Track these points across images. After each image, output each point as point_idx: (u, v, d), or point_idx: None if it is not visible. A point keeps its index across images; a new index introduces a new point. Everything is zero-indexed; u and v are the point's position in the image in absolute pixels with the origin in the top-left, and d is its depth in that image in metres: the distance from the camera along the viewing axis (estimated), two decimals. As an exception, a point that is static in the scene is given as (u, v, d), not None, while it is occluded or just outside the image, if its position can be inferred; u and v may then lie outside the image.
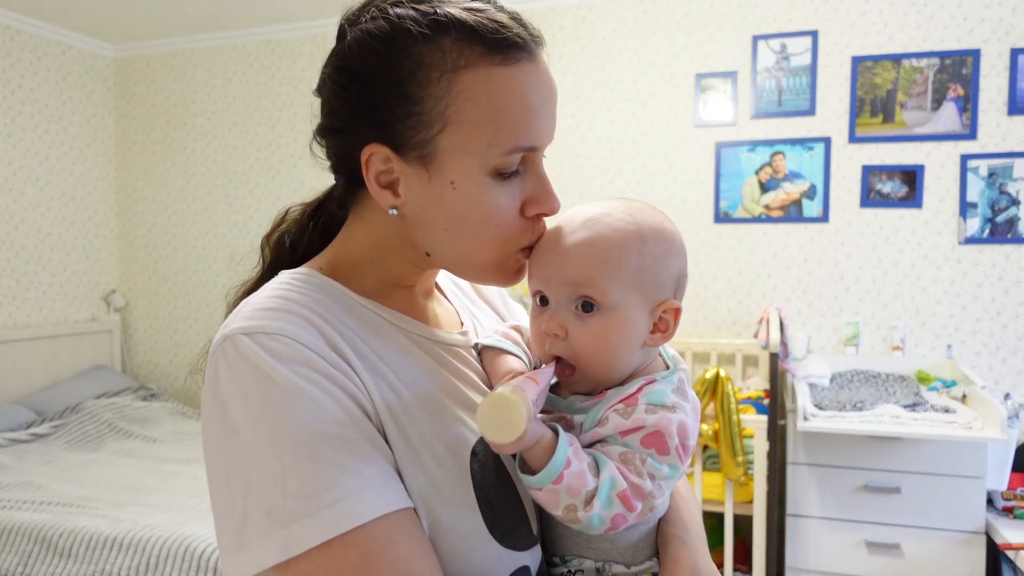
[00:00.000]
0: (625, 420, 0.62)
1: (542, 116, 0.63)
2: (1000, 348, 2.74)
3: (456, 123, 0.60)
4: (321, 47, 3.59)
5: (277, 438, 0.54)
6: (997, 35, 2.72)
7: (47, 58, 3.58)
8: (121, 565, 1.99)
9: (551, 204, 0.65)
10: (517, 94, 0.60)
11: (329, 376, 0.57)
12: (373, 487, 0.55)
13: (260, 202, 3.73)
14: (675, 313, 0.67)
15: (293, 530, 0.52)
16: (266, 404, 0.55)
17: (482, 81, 0.59)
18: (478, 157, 0.61)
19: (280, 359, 0.56)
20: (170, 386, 3.90)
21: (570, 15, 3.22)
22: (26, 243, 3.50)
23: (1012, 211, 2.72)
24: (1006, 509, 2.34)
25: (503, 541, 0.62)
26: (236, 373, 0.56)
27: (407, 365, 0.64)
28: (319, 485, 0.53)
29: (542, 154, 0.66)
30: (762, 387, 2.79)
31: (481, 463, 0.63)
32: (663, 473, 0.61)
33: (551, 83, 0.64)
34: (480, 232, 0.63)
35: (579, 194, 3.22)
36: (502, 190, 0.62)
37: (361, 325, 0.64)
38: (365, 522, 0.53)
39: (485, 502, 0.61)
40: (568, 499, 0.59)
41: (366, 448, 0.56)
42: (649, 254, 0.65)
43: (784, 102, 2.95)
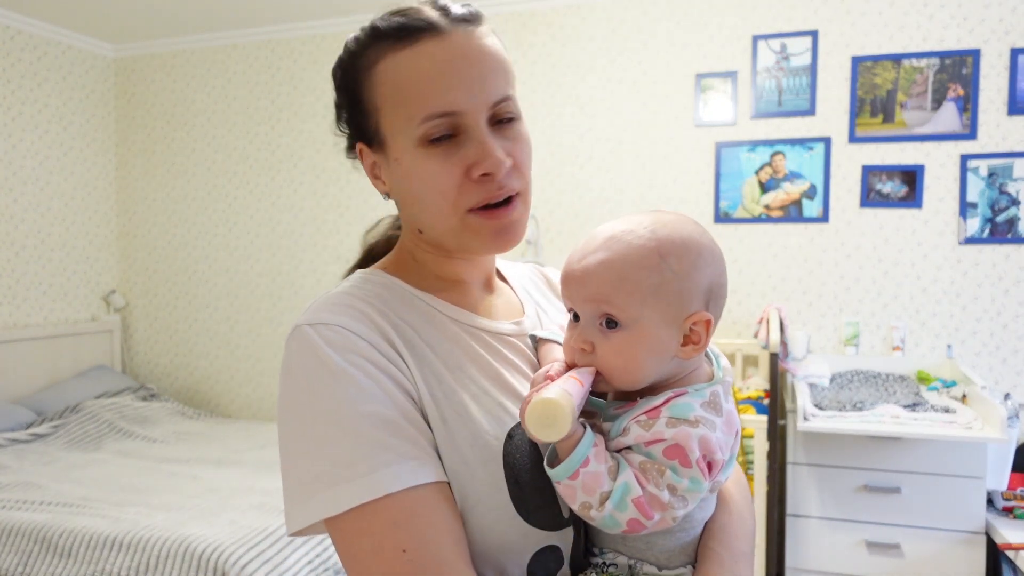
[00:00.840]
0: (645, 432, 0.64)
1: (449, 83, 0.67)
2: (1000, 348, 2.74)
3: (383, 108, 0.70)
4: (321, 47, 3.59)
5: (326, 414, 0.63)
6: (997, 35, 2.72)
7: (47, 58, 3.58)
8: (121, 565, 1.99)
9: (490, 162, 0.68)
10: (418, 68, 0.68)
11: (376, 363, 0.66)
12: (405, 461, 0.62)
13: (260, 202, 3.73)
14: (706, 324, 0.68)
15: (335, 492, 0.61)
16: (320, 385, 0.64)
17: (390, 67, 0.69)
18: (405, 133, 0.69)
19: (333, 347, 0.65)
20: (170, 386, 3.90)
21: (570, 15, 3.22)
22: (26, 243, 3.50)
23: (1012, 211, 2.72)
24: (1006, 509, 2.34)
25: (529, 519, 0.66)
26: (299, 358, 0.66)
27: (454, 352, 0.71)
28: (356, 457, 0.61)
29: (478, 118, 0.68)
30: (762, 387, 2.79)
31: (516, 446, 0.68)
32: (683, 486, 0.63)
33: (466, 52, 0.68)
34: (428, 199, 0.70)
35: (579, 194, 3.22)
36: (436, 157, 0.68)
37: (416, 316, 0.72)
38: (393, 491, 0.60)
39: (514, 482, 0.66)
40: (583, 496, 0.62)
41: (403, 427, 0.64)
42: (670, 270, 0.66)
43: (784, 102, 2.95)
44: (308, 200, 3.65)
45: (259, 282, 3.74)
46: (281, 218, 3.70)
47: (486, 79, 0.69)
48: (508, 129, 0.71)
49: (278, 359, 3.71)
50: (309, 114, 3.63)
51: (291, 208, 3.68)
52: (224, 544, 1.97)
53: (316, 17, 3.51)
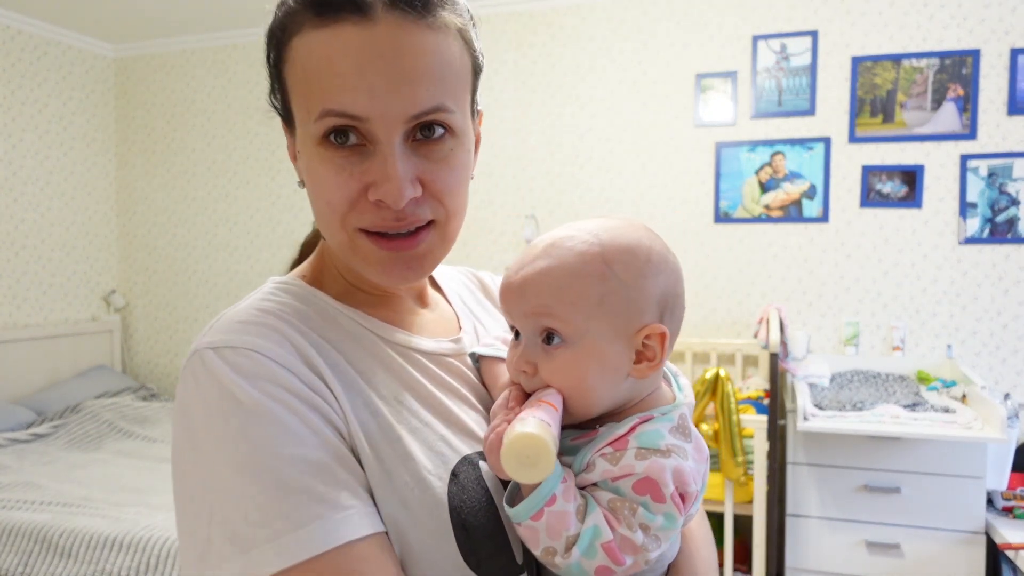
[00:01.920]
0: (613, 467, 0.57)
1: (359, 82, 0.54)
2: (1000, 348, 2.74)
3: (291, 89, 0.59)
4: (321, 47, 3.59)
5: (240, 461, 0.52)
6: (997, 35, 2.72)
7: (47, 58, 3.58)
8: (121, 565, 2.00)
9: (385, 191, 0.56)
10: (323, 54, 0.55)
11: (299, 394, 0.55)
12: (338, 512, 0.52)
13: (260, 202, 3.73)
14: (660, 338, 0.60)
15: (252, 556, 0.50)
16: (229, 425, 0.52)
17: (303, 46, 0.57)
18: (304, 124, 0.58)
19: (246, 376, 0.54)
20: (170, 386, 3.90)
21: (570, 15, 3.22)
22: (26, 243, 3.50)
23: (1012, 211, 2.72)
24: (1006, 509, 2.34)
25: (479, 570, 0.57)
26: (202, 390, 0.54)
27: (387, 379, 0.61)
28: (280, 511, 0.51)
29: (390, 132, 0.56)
30: (762, 387, 2.79)
31: (462, 486, 0.59)
32: (657, 524, 0.56)
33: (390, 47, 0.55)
34: (317, 205, 0.60)
35: (579, 194, 3.22)
36: (331, 163, 0.57)
37: (340, 335, 0.62)
38: (327, 550, 0.50)
39: (461, 528, 0.57)
40: (547, 540, 0.55)
41: (335, 471, 0.54)
42: (616, 277, 0.59)
43: (784, 102, 2.95)
44: (307, 200, 3.64)
45: (259, 282, 3.72)
46: (281, 218, 3.70)
47: (408, 83, 0.55)
48: (433, 148, 0.58)
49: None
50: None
51: (291, 208, 3.68)
52: (224, 544, 1.97)
53: (316, 17, 3.51)
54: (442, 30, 0.57)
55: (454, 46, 0.58)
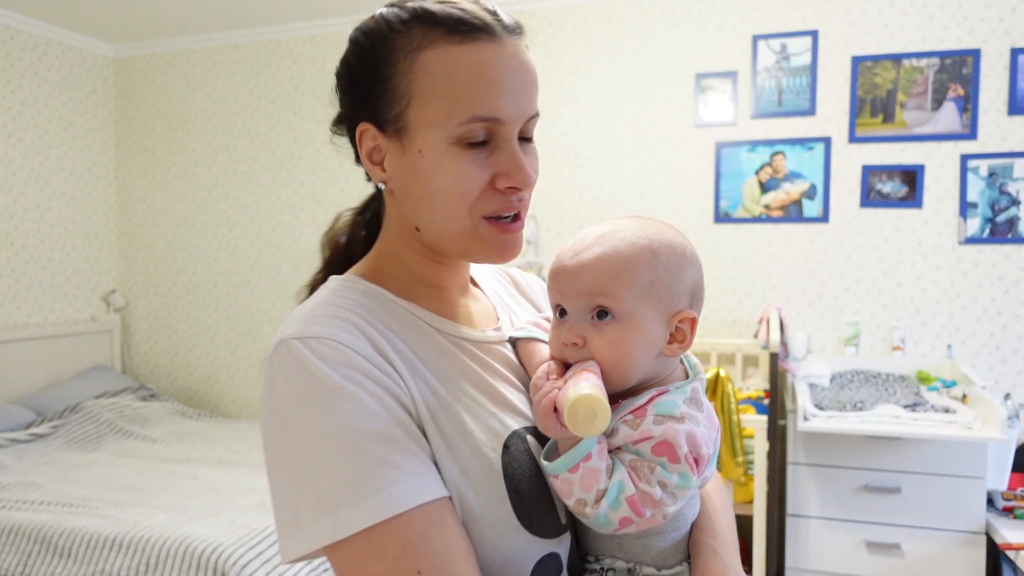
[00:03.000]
0: (633, 431, 0.65)
1: (501, 90, 0.66)
2: (1000, 348, 2.74)
3: (419, 96, 0.67)
4: (321, 47, 3.59)
5: (325, 434, 0.60)
6: (997, 35, 2.72)
7: (47, 58, 3.58)
8: (121, 565, 1.99)
9: (520, 177, 0.68)
10: (472, 67, 0.65)
11: (372, 377, 0.63)
12: (411, 478, 0.60)
13: (260, 202, 3.73)
14: (691, 323, 0.70)
15: (340, 516, 0.58)
16: (315, 404, 0.61)
17: (440, 57, 0.66)
18: (440, 128, 0.66)
19: (327, 362, 0.62)
20: (170, 386, 3.90)
21: (570, 15, 3.22)
22: (26, 243, 3.50)
23: (1012, 211, 2.72)
24: (1006, 509, 2.34)
25: (531, 529, 0.66)
26: (290, 375, 0.62)
27: (443, 364, 0.70)
28: (362, 477, 0.59)
29: (513, 130, 0.68)
30: (762, 387, 2.79)
31: (512, 456, 0.67)
32: (673, 482, 0.64)
33: (517, 63, 0.68)
34: (447, 198, 0.68)
35: (579, 194, 3.22)
36: (467, 159, 0.67)
37: (402, 326, 0.70)
38: (403, 511, 0.58)
39: (515, 492, 0.65)
40: (580, 492, 0.63)
41: (405, 443, 0.62)
42: (661, 266, 0.68)
43: (784, 102, 2.95)
44: (308, 200, 3.65)
45: (259, 282, 3.74)
46: (281, 218, 3.70)
47: (528, 93, 0.69)
48: (528, 146, 0.71)
49: (278, 359, 3.71)
50: (309, 114, 3.63)
51: (291, 208, 3.68)
52: (224, 544, 1.97)
53: (316, 17, 3.51)
54: (527, 48, 0.71)
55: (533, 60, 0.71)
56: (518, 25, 0.70)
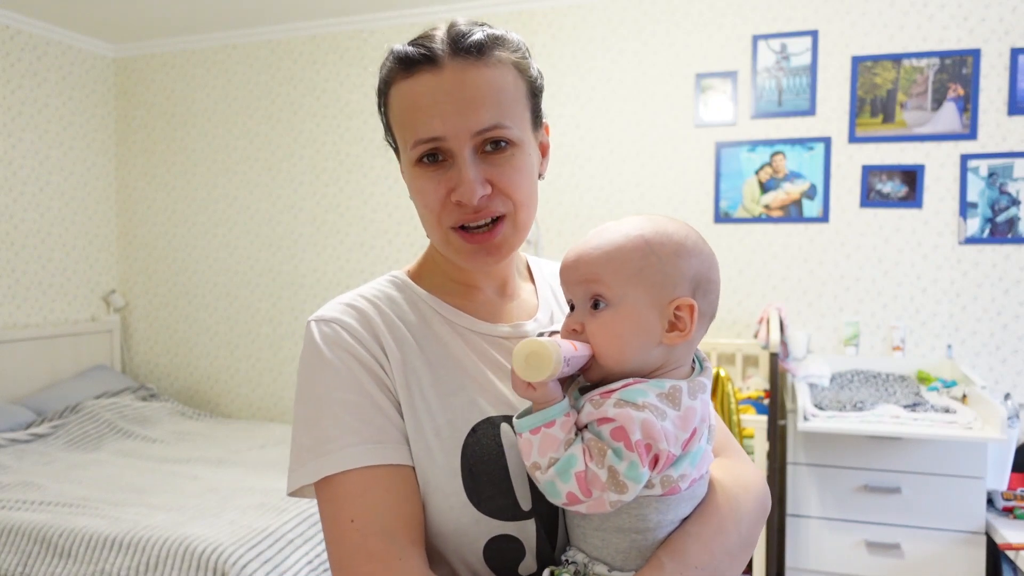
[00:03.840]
0: (595, 410, 0.68)
1: (434, 112, 0.73)
2: (1000, 348, 2.74)
3: (393, 126, 0.79)
4: (321, 47, 3.59)
5: (315, 397, 0.74)
6: (997, 35, 2.72)
7: (47, 58, 3.58)
8: (121, 565, 1.99)
9: (462, 191, 0.73)
10: (409, 98, 0.75)
11: (358, 357, 0.75)
12: (365, 444, 0.71)
13: (260, 202, 3.73)
14: (689, 310, 0.71)
15: (315, 464, 0.71)
16: (312, 373, 0.75)
17: (397, 93, 0.76)
18: (405, 152, 0.77)
19: (325, 341, 0.76)
20: (170, 386, 3.90)
21: (570, 15, 3.22)
22: (26, 243, 3.50)
23: (1012, 211, 2.72)
24: (1006, 509, 2.34)
25: (480, 507, 0.72)
26: (304, 348, 0.78)
27: (442, 353, 0.79)
28: (328, 436, 0.72)
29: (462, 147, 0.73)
30: (762, 387, 2.79)
31: (477, 439, 0.74)
32: (621, 469, 0.65)
33: (454, 85, 0.73)
34: (421, 212, 0.78)
35: (579, 194, 3.22)
36: (425, 177, 0.75)
37: (416, 317, 0.81)
38: (351, 468, 0.70)
39: (468, 471, 0.73)
40: (536, 455, 0.68)
41: (371, 414, 0.73)
42: (654, 253, 0.71)
43: (784, 102, 2.95)
44: (308, 200, 3.65)
45: (259, 282, 3.74)
46: (281, 218, 3.70)
47: (468, 110, 0.72)
48: (498, 156, 0.74)
49: (278, 359, 3.72)
50: (309, 114, 3.63)
51: (291, 208, 3.68)
52: (224, 544, 1.97)
53: (316, 17, 3.51)
54: (496, 65, 0.75)
55: (508, 76, 0.75)
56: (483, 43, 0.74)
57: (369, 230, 3.55)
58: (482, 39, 0.74)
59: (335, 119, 3.59)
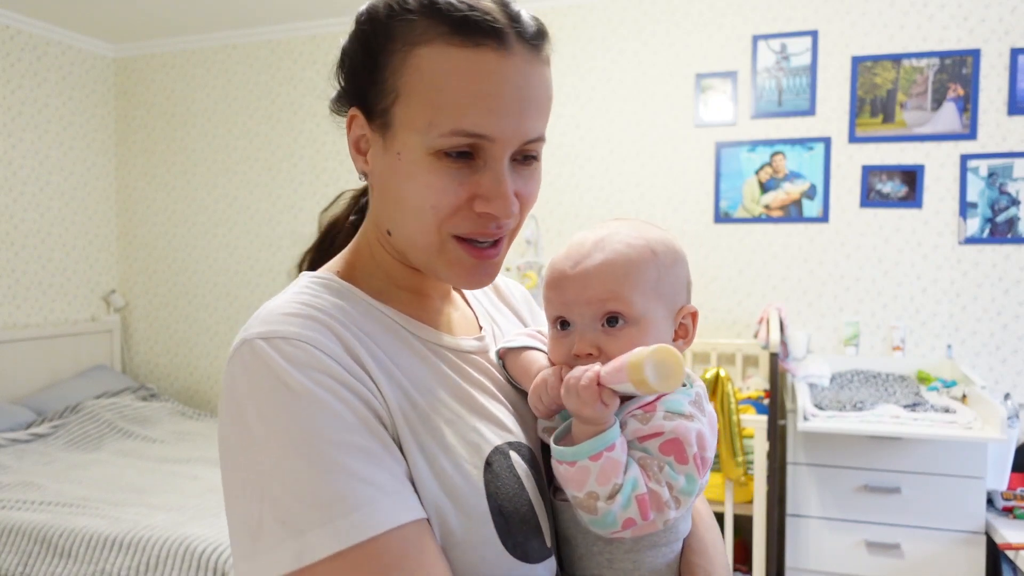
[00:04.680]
0: (643, 426, 0.62)
1: (495, 105, 0.59)
2: (1000, 348, 2.74)
3: (406, 95, 0.61)
4: (321, 47, 3.59)
5: (292, 445, 0.54)
6: (997, 35, 2.72)
7: (47, 58, 3.58)
8: (121, 565, 1.99)
9: (499, 205, 0.61)
10: (466, 77, 0.58)
11: (345, 383, 0.57)
12: (387, 496, 0.54)
13: (260, 202, 3.73)
14: (693, 317, 0.71)
15: (307, 539, 0.52)
16: (281, 410, 0.54)
17: (434, 58, 0.59)
18: (420, 134, 0.60)
19: (296, 365, 0.56)
20: (170, 386, 3.90)
21: (570, 15, 3.22)
22: (26, 243, 3.50)
23: (1012, 211, 2.72)
24: (1006, 509, 2.34)
25: (515, 552, 0.61)
26: (253, 377, 0.56)
27: (422, 372, 0.64)
28: (333, 494, 0.52)
29: (505, 151, 0.61)
30: (762, 387, 2.79)
31: (495, 474, 0.62)
32: (679, 484, 0.61)
33: (523, 78, 0.60)
34: (418, 208, 0.62)
35: (579, 194, 3.22)
36: (444, 172, 0.60)
37: (379, 330, 0.64)
38: (379, 533, 0.52)
39: (498, 512, 0.61)
40: (595, 485, 0.59)
41: (381, 456, 0.56)
42: (662, 264, 0.68)
43: (784, 102, 2.95)
44: (308, 200, 3.65)
45: (259, 282, 3.74)
46: (281, 218, 3.70)
47: (529, 114, 0.61)
48: (526, 168, 0.64)
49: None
50: (309, 114, 3.63)
51: (291, 208, 3.68)
52: (224, 544, 1.97)
53: (316, 17, 3.51)
54: (547, 63, 0.64)
55: (550, 77, 0.65)
56: (539, 33, 0.63)
57: (369, 230, 3.55)
58: (541, 28, 0.63)
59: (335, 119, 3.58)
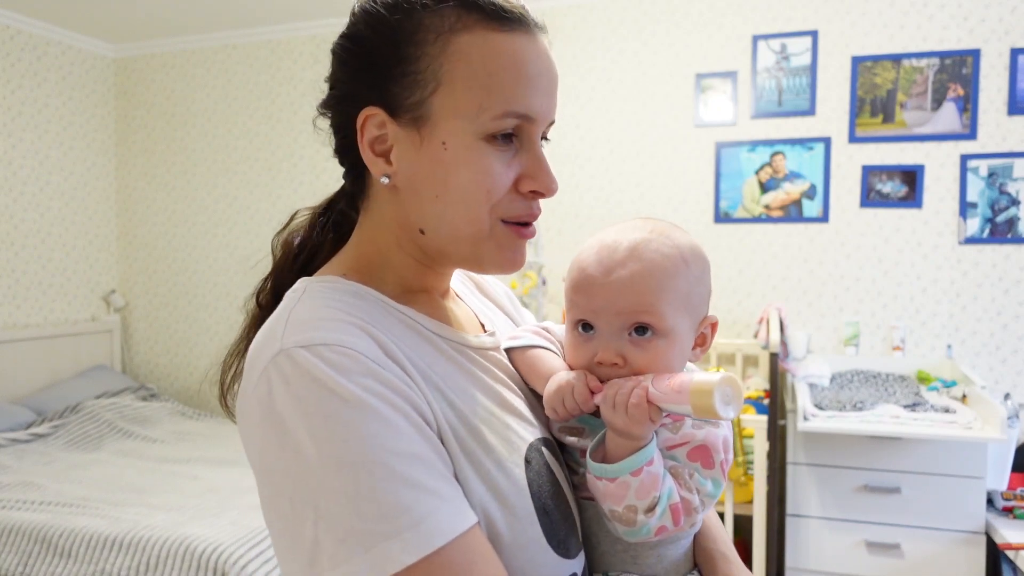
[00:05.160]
0: (674, 435, 0.64)
1: (537, 87, 0.62)
2: (1000, 348, 2.74)
3: (449, 83, 0.60)
4: (321, 47, 3.59)
5: (347, 457, 0.51)
6: (997, 35, 2.72)
7: (47, 58, 3.58)
8: (121, 565, 1.99)
9: (546, 183, 0.63)
10: (511, 59, 0.60)
11: (394, 388, 0.55)
12: (448, 504, 0.53)
13: (260, 202, 3.73)
14: (713, 327, 0.70)
15: (375, 555, 0.49)
16: (332, 421, 0.52)
17: (477, 43, 0.60)
18: (469, 119, 0.60)
19: (343, 372, 0.53)
20: (170, 386, 3.90)
21: (570, 15, 3.22)
22: (26, 243, 3.50)
23: (1012, 211, 2.72)
24: (1006, 509, 2.34)
25: (558, 550, 0.61)
26: (296, 389, 0.53)
27: (452, 372, 0.63)
28: (397, 505, 0.50)
29: (540, 132, 0.64)
30: (762, 387, 2.79)
31: (535, 471, 0.62)
32: (707, 489, 0.63)
33: (550, 63, 0.65)
34: (470, 195, 0.61)
35: (579, 194, 3.22)
36: (494, 156, 0.61)
37: (402, 331, 0.62)
38: (448, 542, 0.51)
39: (543, 512, 0.60)
40: (634, 499, 0.59)
41: (436, 463, 0.55)
42: (693, 276, 0.67)
43: (784, 102, 2.95)
44: (308, 200, 3.61)
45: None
46: (281, 218, 3.67)
47: (555, 95, 0.66)
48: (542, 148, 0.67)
49: (278, 359, 3.71)
50: (309, 114, 3.61)
51: (291, 208, 3.66)
52: (224, 544, 1.97)
53: (316, 17, 3.51)
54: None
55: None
56: (545, 27, 0.67)
57: (369, 230, 3.55)
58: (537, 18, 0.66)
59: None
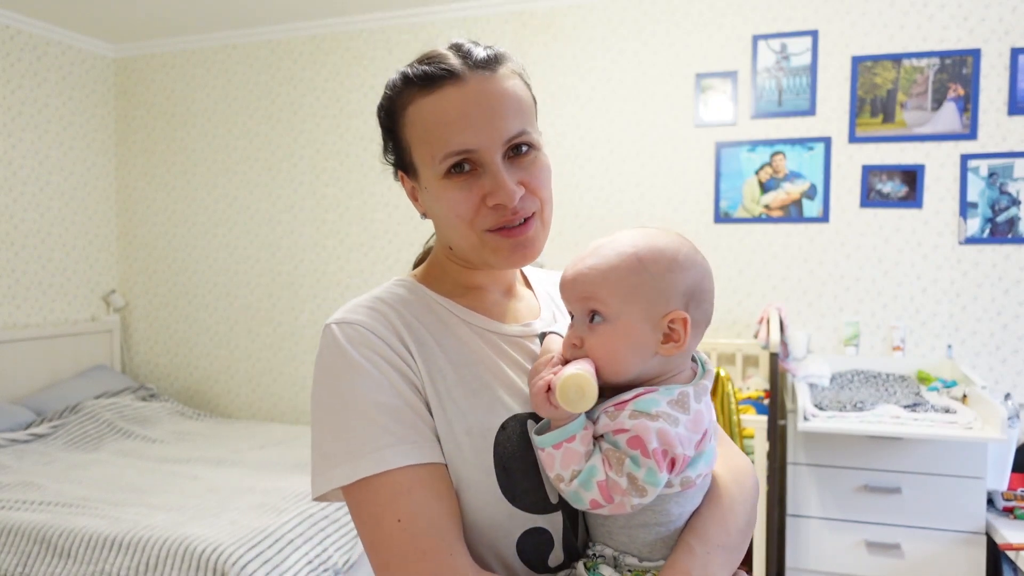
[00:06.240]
0: (611, 422, 0.72)
1: (465, 124, 0.76)
2: (1000, 348, 2.74)
3: (414, 144, 0.80)
4: (321, 47, 3.59)
5: (343, 400, 0.74)
6: (997, 35, 2.72)
7: (47, 58, 3.58)
8: (121, 565, 1.99)
9: (502, 194, 0.76)
10: (436, 113, 0.77)
11: (386, 358, 0.76)
12: (402, 444, 0.72)
13: (260, 202, 3.73)
14: (683, 323, 0.74)
15: (348, 467, 0.72)
16: (335, 377, 0.76)
17: (416, 110, 0.79)
18: (431, 166, 0.78)
19: (352, 343, 0.76)
20: (170, 386, 3.90)
21: (570, 15, 3.22)
22: (26, 243, 3.50)
23: (1012, 211, 2.72)
24: (1006, 509, 2.34)
25: (514, 502, 0.75)
26: (326, 351, 0.78)
27: (463, 351, 0.81)
28: (366, 437, 0.72)
29: (494, 154, 0.77)
30: (762, 387, 2.79)
31: (507, 436, 0.76)
32: (640, 476, 0.69)
33: (481, 96, 0.77)
34: (450, 221, 0.80)
35: (579, 194, 3.22)
36: (455, 187, 0.78)
37: (432, 318, 0.82)
38: (392, 468, 0.71)
39: (502, 468, 0.75)
40: (559, 468, 0.72)
41: (405, 414, 0.74)
42: (647, 271, 0.74)
43: (784, 102, 2.95)
44: (308, 200, 3.65)
45: (259, 282, 3.74)
46: (281, 218, 3.70)
47: (498, 119, 0.77)
48: (523, 158, 0.79)
49: (278, 359, 3.72)
50: (309, 114, 3.63)
51: (291, 208, 3.68)
52: (224, 544, 1.97)
53: (316, 17, 3.51)
54: (510, 77, 0.80)
55: (519, 86, 0.81)
56: (491, 58, 0.79)
57: (369, 230, 3.55)
58: (491, 54, 0.80)
59: (335, 119, 3.59)
